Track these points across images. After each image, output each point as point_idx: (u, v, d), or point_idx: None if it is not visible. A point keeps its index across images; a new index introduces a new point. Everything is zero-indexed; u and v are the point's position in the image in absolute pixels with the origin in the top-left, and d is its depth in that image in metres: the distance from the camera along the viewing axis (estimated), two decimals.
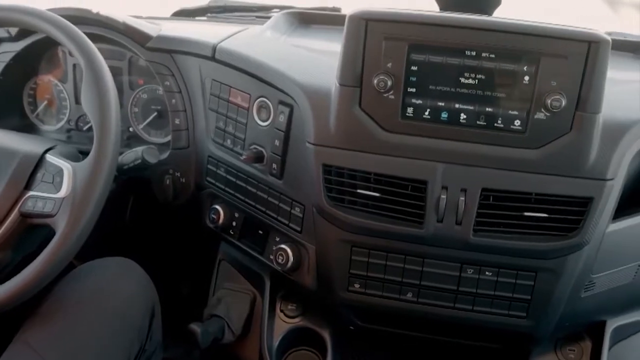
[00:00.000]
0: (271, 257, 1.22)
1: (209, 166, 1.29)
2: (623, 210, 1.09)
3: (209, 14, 1.65)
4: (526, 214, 1.01)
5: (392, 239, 1.07)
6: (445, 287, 1.09)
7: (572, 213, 1.01)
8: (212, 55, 1.24)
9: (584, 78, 0.94)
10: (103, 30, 1.33)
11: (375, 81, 0.97)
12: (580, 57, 0.93)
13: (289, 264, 1.18)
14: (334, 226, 1.10)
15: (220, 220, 1.29)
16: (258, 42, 1.26)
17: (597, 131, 0.97)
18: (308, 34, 1.36)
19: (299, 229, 1.17)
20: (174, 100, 1.31)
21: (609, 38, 0.94)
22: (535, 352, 1.24)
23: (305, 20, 1.42)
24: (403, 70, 0.97)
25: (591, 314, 1.20)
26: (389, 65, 0.97)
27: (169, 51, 1.30)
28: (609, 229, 1.07)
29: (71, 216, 0.98)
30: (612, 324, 1.23)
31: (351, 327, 1.27)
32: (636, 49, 1.37)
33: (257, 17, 1.59)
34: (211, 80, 1.26)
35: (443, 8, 1.33)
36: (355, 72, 0.99)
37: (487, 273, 1.07)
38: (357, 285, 1.13)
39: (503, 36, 0.94)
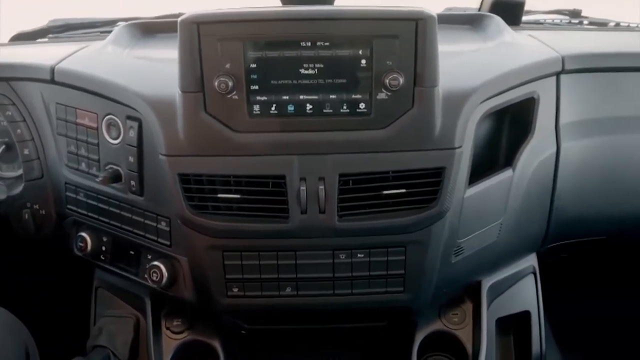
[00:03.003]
0: (146, 276, 1.18)
1: (68, 193, 1.24)
2: (478, 174, 1.15)
3: (50, 35, 1.57)
4: (385, 192, 1.04)
5: (262, 237, 1.07)
6: (322, 276, 1.11)
7: (428, 185, 1.04)
8: (52, 77, 1.18)
9: (416, 54, 0.97)
10: None
11: (216, 83, 0.96)
12: (410, 35, 0.96)
13: (164, 280, 1.15)
14: (201, 234, 1.08)
15: (89, 247, 1.24)
16: (99, 58, 1.22)
17: (437, 103, 1.01)
18: (152, 44, 1.32)
19: (168, 243, 1.14)
20: (19, 130, 1.24)
21: (434, 14, 0.97)
22: (421, 323, 1.28)
23: (149, 30, 1.38)
24: (242, 69, 0.97)
25: (465, 277, 1.25)
26: (228, 66, 0.97)
27: (6, 79, 1.23)
28: (466, 195, 1.11)
29: None
30: (487, 283, 1.30)
31: (242, 332, 1.26)
32: (472, 21, 1.44)
33: (101, 32, 1.53)
34: (55, 103, 1.20)
35: (285, 3, 1.34)
36: (195, 77, 0.97)
37: (359, 255, 1.09)
38: (235, 290, 1.12)
39: (333, 24, 0.96)
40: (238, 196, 1.04)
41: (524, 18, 1.63)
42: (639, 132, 1.29)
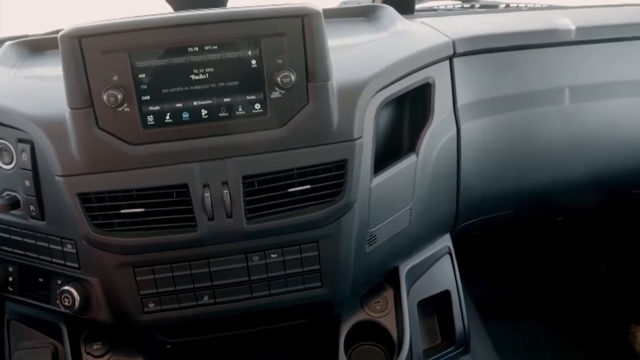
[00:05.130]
0: (58, 302, 1.14)
1: None
2: (385, 162, 1.16)
3: None
4: (291, 190, 1.04)
5: (172, 249, 1.05)
6: (238, 281, 1.10)
7: (332, 178, 1.05)
8: None
9: (306, 51, 0.98)
10: None
11: (105, 97, 0.94)
12: (297, 32, 0.97)
13: (77, 304, 1.11)
14: (110, 253, 1.05)
15: None
16: None
17: (332, 97, 1.02)
18: (41, 62, 1.27)
19: (76, 265, 1.11)
20: None
21: (319, 9, 0.98)
22: (345, 315, 1.29)
23: (37, 47, 1.33)
24: (131, 81, 0.94)
25: (382, 265, 1.27)
26: (115, 78, 0.94)
27: None
28: (373, 184, 1.13)
29: None
30: (404, 268, 1.32)
31: (167, 346, 1.24)
32: (366, 13, 1.46)
33: None
34: None
35: (177, 8, 1.32)
36: (83, 93, 0.95)
37: (272, 256, 1.09)
38: (151, 305, 1.10)
39: (218, 27, 0.94)
40: (142, 210, 1.02)
41: (418, 6, 1.67)
42: (532, 107, 1.35)
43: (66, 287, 1.12)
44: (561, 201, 1.51)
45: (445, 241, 1.41)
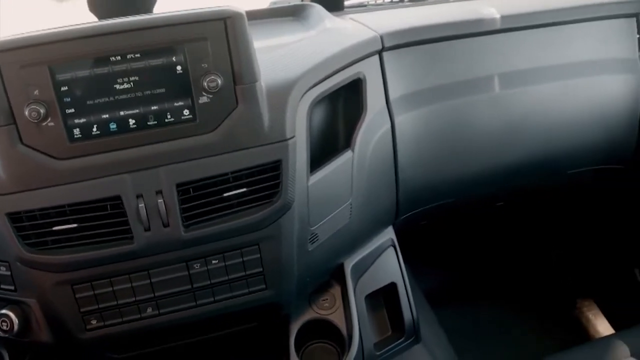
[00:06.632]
0: None
1: None
2: (322, 160, 1.17)
3: None
4: (227, 194, 1.03)
5: (110, 262, 1.03)
6: (181, 290, 1.09)
7: (268, 179, 1.05)
8: None
9: (231, 53, 0.97)
10: None
11: (27, 113, 0.91)
12: (220, 35, 0.96)
13: (16, 327, 1.08)
14: (46, 272, 1.03)
15: None
16: None
17: (262, 98, 1.01)
18: None
19: (12, 288, 1.07)
20: None
21: (242, 11, 0.98)
22: (293, 315, 1.29)
23: None
24: (53, 94, 0.92)
25: (326, 262, 1.27)
26: (37, 92, 0.92)
27: None
28: (310, 182, 1.13)
29: None
30: (349, 264, 1.33)
31: None
32: (295, 12, 1.46)
33: None
34: None
35: (101, 17, 1.30)
36: (4, 110, 0.92)
37: (213, 262, 1.08)
38: (94, 322, 1.08)
39: (140, 34, 0.93)
40: (76, 225, 0.99)
41: (348, 2, 1.68)
42: (464, 96, 1.37)
43: (3, 311, 1.08)
44: (500, 186, 1.54)
45: (388, 234, 1.42)
